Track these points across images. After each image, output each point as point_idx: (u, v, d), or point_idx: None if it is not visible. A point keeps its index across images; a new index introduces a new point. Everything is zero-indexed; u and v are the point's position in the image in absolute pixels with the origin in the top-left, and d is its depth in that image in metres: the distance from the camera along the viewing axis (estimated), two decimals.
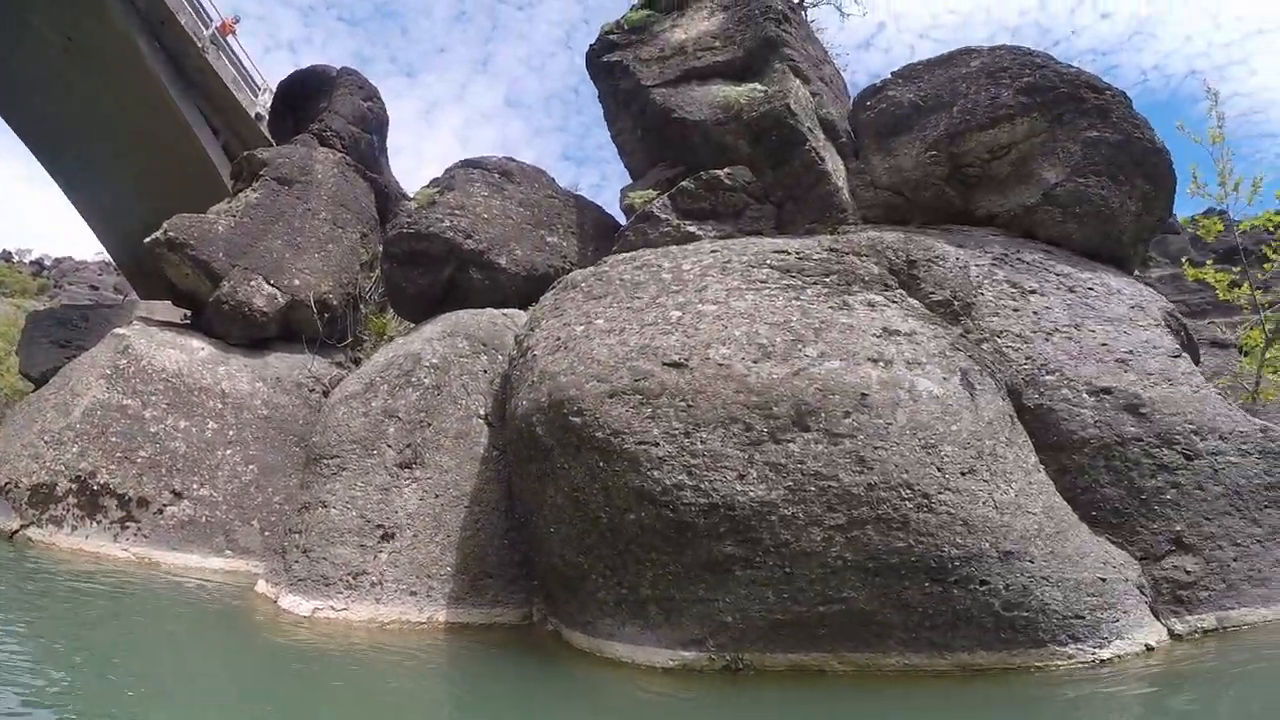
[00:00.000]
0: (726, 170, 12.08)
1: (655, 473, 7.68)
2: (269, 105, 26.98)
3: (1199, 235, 14.12)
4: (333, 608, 9.54)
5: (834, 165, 12.58)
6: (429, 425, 10.82)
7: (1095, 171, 11.78)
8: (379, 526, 10.04)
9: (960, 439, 7.77)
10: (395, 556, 9.85)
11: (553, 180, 15.53)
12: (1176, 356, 9.78)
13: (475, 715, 7.30)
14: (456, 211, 13.64)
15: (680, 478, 7.63)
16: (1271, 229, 13.49)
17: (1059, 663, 7.25)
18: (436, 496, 10.30)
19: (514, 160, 15.34)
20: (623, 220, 13.69)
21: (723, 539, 7.52)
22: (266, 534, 13.30)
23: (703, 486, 7.57)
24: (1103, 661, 7.33)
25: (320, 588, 9.76)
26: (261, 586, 11.00)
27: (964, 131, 12.07)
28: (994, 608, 7.25)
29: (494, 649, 8.88)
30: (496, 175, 14.68)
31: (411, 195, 15.99)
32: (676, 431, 7.81)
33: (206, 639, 9.16)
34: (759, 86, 12.45)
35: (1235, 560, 8.45)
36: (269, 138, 25.63)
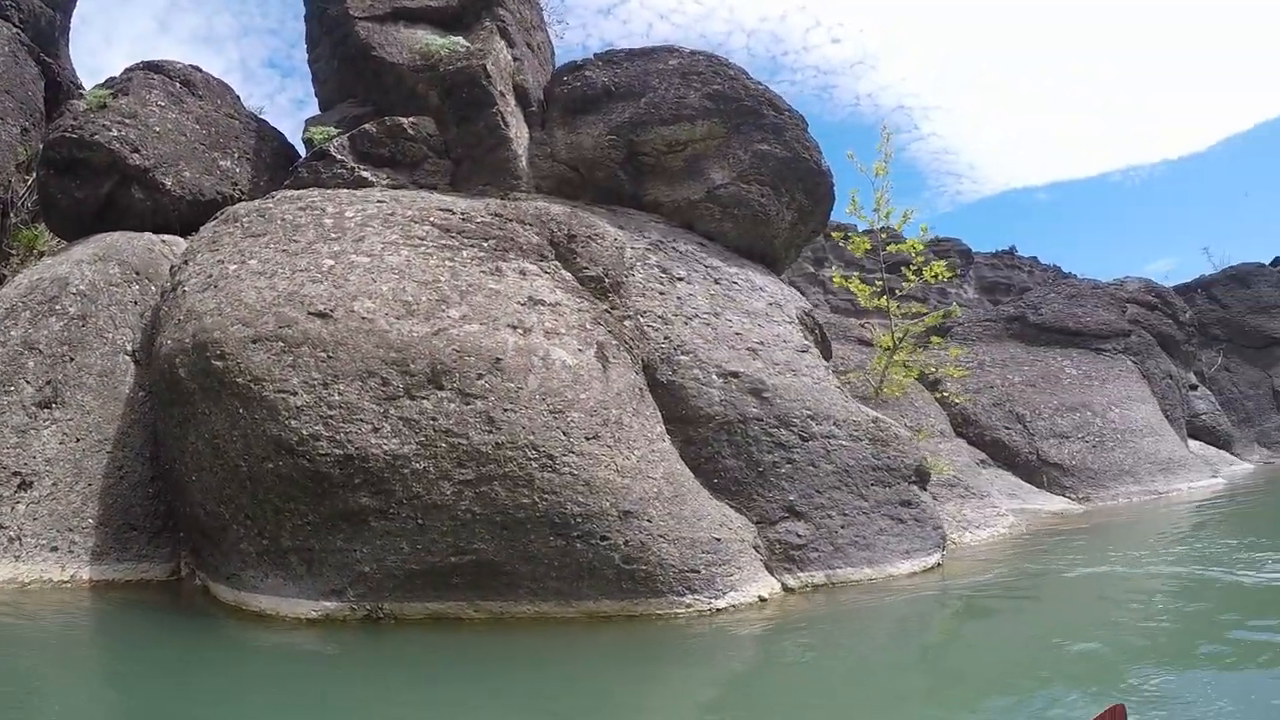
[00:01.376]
0: (411, 119, 12.31)
1: (293, 422, 7.89)
2: None
3: (850, 250, 16.39)
4: None
5: (518, 132, 13.15)
6: (72, 360, 10.07)
7: (759, 180, 13.40)
8: (16, 474, 9.18)
9: (588, 406, 8.58)
10: (34, 508, 9.08)
11: (238, 99, 14.98)
12: (803, 351, 11.39)
13: (114, 685, 6.83)
14: (127, 120, 12.62)
15: (317, 428, 7.88)
16: (913, 254, 15.87)
17: (678, 611, 8.20)
18: (78, 440, 9.66)
19: (200, 70, 14.59)
20: (304, 152, 13.42)
21: (358, 490, 7.86)
22: None
23: (338, 438, 7.87)
24: (718, 610, 8.36)
25: None
26: None
27: (647, 123, 13.24)
28: (615, 561, 8.10)
29: (139, 608, 8.60)
30: (178, 84, 13.86)
31: (85, 91, 14.69)
32: (315, 382, 8.07)
33: None
34: (463, 41, 12.79)
35: (843, 527, 9.99)
36: None
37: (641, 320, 10.60)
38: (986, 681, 6.40)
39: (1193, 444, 27.69)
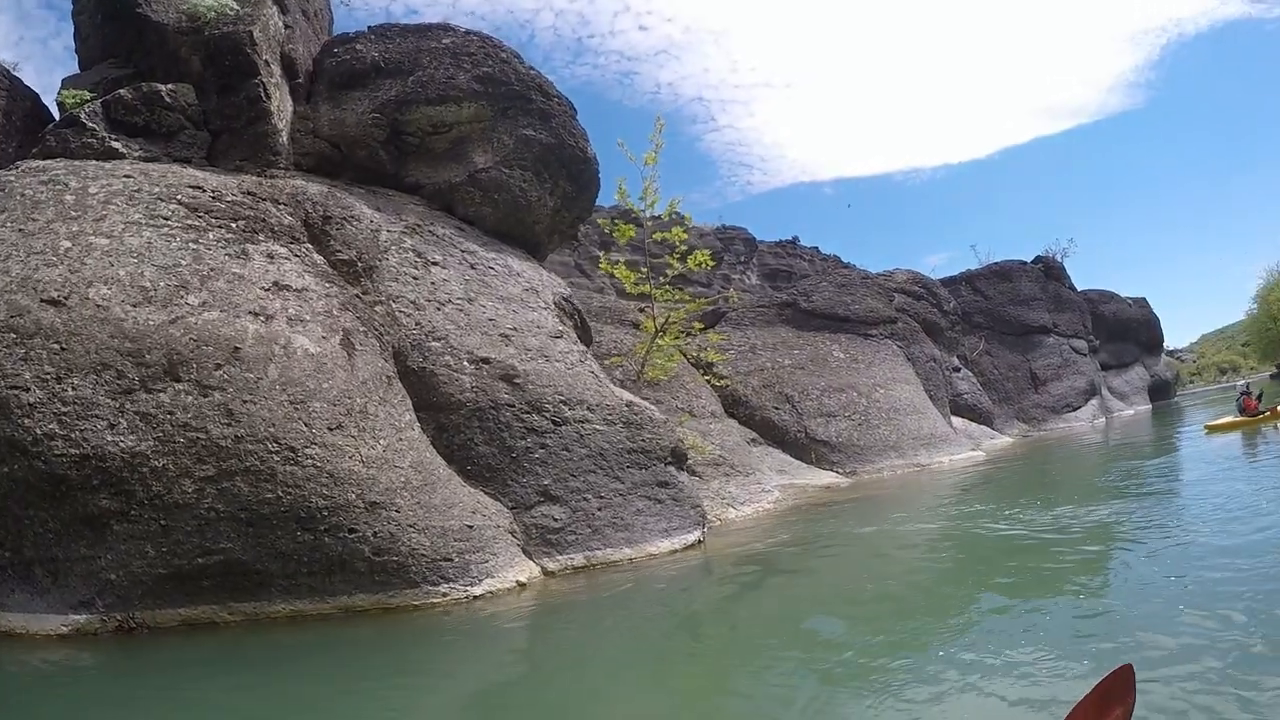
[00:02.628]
0: (170, 87, 11.76)
1: (26, 421, 7.65)
2: None
3: (615, 237, 17.31)
4: None
5: (281, 105, 12.87)
6: None
7: (522, 165, 13.88)
8: None
9: (331, 396, 8.81)
10: None
11: None
12: (557, 337, 12.02)
13: None
14: None
15: (51, 427, 7.69)
16: (678, 242, 16.96)
17: (434, 601, 8.53)
18: None
19: None
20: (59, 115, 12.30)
21: (97, 492, 7.72)
22: None
23: (74, 436, 7.71)
24: (476, 598, 8.74)
25: None
26: None
27: (414, 102, 13.35)
28: (365, 554, 8.35)
29: None
30: None
31: None
32: (49, 376, 7.85)
33: None
34: (234, 5, 12.24)
35: (600, 510, 10.70)
36: None
37: (394, 306, 10.83)
38: (747, 647, 6.82)
39: (956, 420, 30.98)
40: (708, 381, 21.62)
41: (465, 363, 10.71)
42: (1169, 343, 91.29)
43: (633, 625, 8.04)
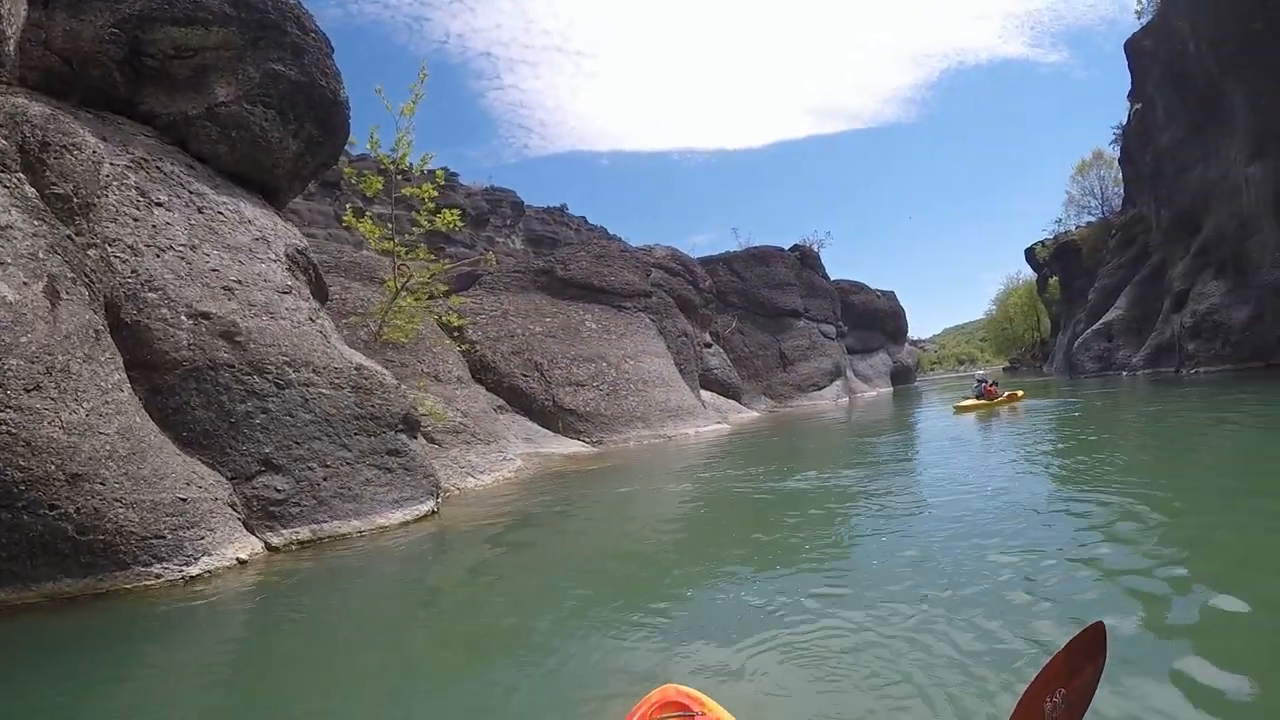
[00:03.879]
0: None
1: None
2: None
3: (363, 189, 17.02)
4: None
5: (13, 9, 11.61)
6: None
7: (266, 103, 13.41)
8: None
9: (30, 352, 8.18)
10: None
11: None
12: (286, 292, 11.77)
13: None
14: None
15: None
16: (426, 199, 16.89)
17: (148, 583, 8.14)
18: None
19: None
20: None
21: None
22: None
23: None
24: (194, 578, 8.43)
25: None
26: None
27: (159, 20, 12.53)
28: (68, 533, 7.85)
29: None
30: None
31: None
32: None
33: None
34: None
35: (326, 479, 10.69)
36: None
37: (109, 250, 10.25)
38: (490, 617, 6.98)
39: (705, 394, 33.02)
40: (456, 345, 21.80)
41: (183, 317, 10.32)
42: (913, 333, 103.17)
43: (361, 603, 8.09)
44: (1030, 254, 76.44)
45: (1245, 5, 28.79)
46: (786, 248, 54.86)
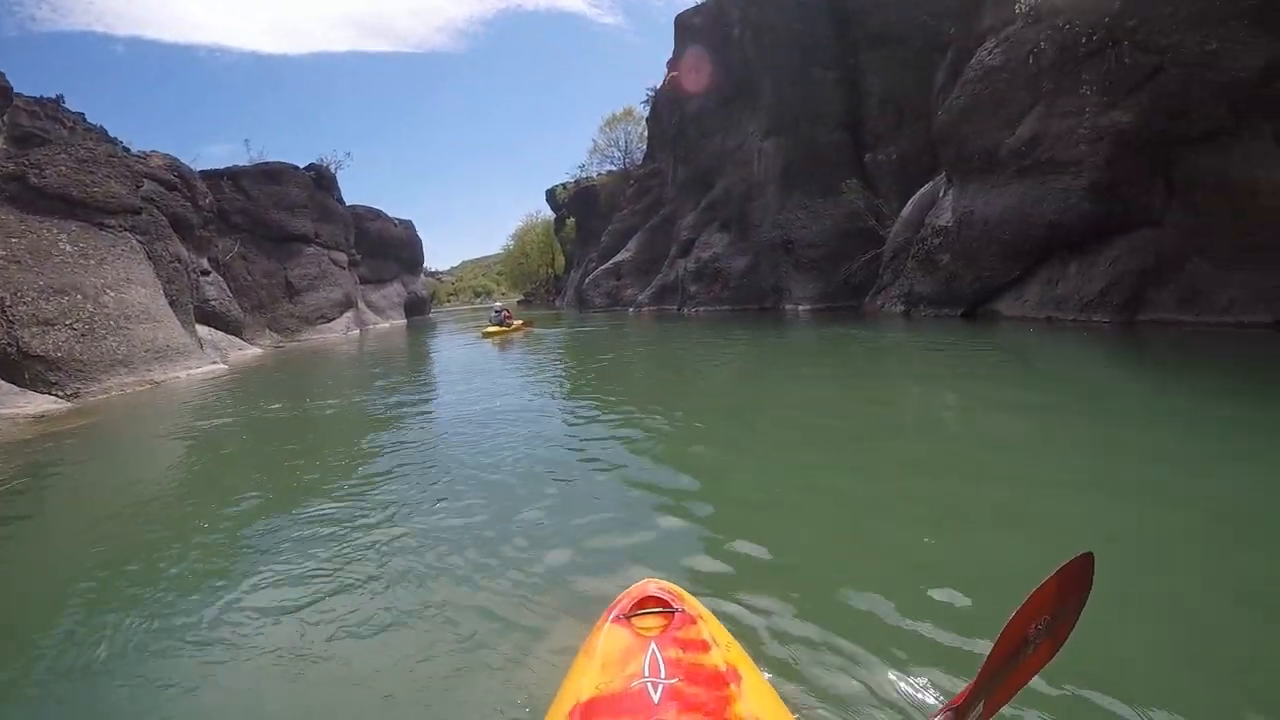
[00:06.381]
0: None
1: None
2: None
3: None
4: None
5: None
6: None
7: None
8: None
9: None
10: None
11: None
12: None
13: None
14: None
15: None
16: None
17: None
18: None
19: None
20: None
21: None
22: None
23: None
24: None
25: None
26: None
27: None
28: None
29: None
30: None
31: None
32: None
33: None
34: None
35: None
36: None
37: None
38: None
39: (201, 330, 29.97)
40: None
41: None
42: (431, 264, 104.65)
43: None
44: (551, 195, 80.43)
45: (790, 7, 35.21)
46: (301, 166, 51.56)
